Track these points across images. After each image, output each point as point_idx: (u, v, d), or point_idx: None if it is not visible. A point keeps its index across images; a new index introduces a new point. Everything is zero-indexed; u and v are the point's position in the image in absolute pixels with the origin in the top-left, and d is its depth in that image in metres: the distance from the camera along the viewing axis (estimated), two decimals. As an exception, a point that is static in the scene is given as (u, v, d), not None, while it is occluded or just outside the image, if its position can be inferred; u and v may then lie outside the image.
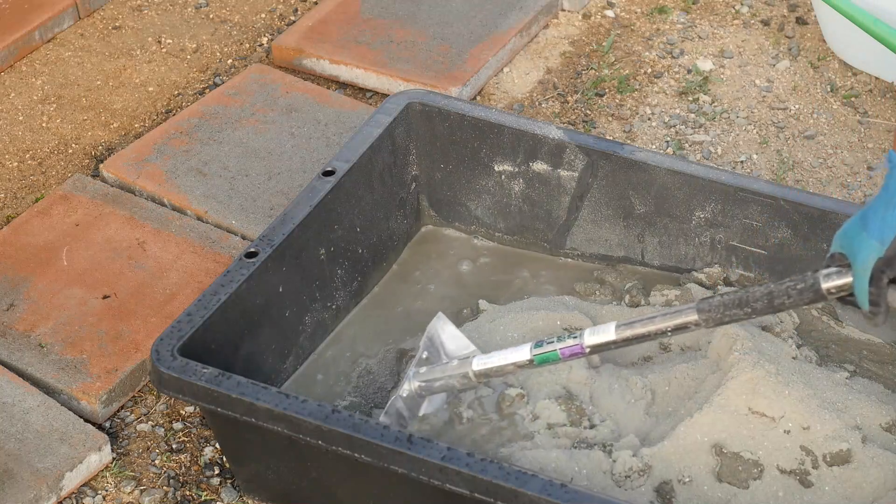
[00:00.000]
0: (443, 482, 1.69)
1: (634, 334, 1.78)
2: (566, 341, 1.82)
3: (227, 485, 2.02)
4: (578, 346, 1.81)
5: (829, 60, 2.78)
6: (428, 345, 1.98)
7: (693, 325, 1.74)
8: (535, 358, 1.84)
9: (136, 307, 2.22)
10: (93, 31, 2.89)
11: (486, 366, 1.89)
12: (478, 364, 1.89)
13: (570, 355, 1.82)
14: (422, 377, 1.95)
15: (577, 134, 2.21)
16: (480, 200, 2.30)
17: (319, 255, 2.11)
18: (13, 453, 1.99)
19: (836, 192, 2.49)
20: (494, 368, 1.88)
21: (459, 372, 1.91)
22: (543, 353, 1.83)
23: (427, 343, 1.98)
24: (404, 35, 2.77)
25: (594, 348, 1.80)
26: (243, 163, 2.50)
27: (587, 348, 1.81)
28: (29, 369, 2.12)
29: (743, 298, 1.70)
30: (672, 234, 2.20)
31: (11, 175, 2.55)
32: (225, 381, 1.79)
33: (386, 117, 2.23)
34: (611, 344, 1.79)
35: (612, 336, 1.79)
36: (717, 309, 1.71)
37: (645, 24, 2.90)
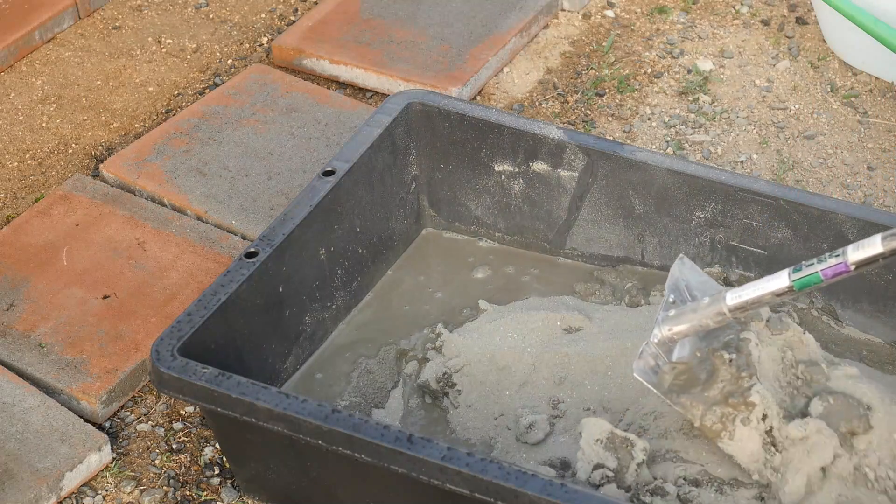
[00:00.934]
0: (443, 482, 1.69)
1: None
2: (828, 261, 1.70)
3: (227, 485, 2.02)
4: (843, 265, 1.70)
5: (829, 60, 2.78)
6: (673, 288, 1.90)
7: None
8: (795, 283, 1.74)
9: (136, 307, 2.22)
10: (93, 31, 2.89)
11: (741, 299, 1.79)
12: (732, 298, 1.80)
13: (834, 276, 1.70)
14: (672, 321, 1.87)
15: (577, 134, 2.21)
16: (480, 200, 2.30)
17: (319, 255, 2.11)
18: (13, 453, 1.99)
19: (836, 192, 2.49)
20: (751, 301, 1.79)
21: (713, 310, 1.83)
22: (804, 277, 1.73)
23: (672, 286, 1.90)
24: (404, 35, 2.77)
25: (860, 264, 1.69)
26: (243, 163, 2.50)
27: (852, 265, 1.69)
28: (29, 369, 2.12)
29: None
30: (672, 234, 2.20)
31: (11, 175, 2.55)
32: (225, 381, 1.79)
33: (386, 117, 2.23)
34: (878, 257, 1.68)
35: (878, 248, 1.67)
36: None
37: (645, 24, 2.90)
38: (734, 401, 1.84)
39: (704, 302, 1.85)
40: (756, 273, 2.15)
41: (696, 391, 1.86)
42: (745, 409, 1.83)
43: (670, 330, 1.87)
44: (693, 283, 1.92)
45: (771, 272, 2.12)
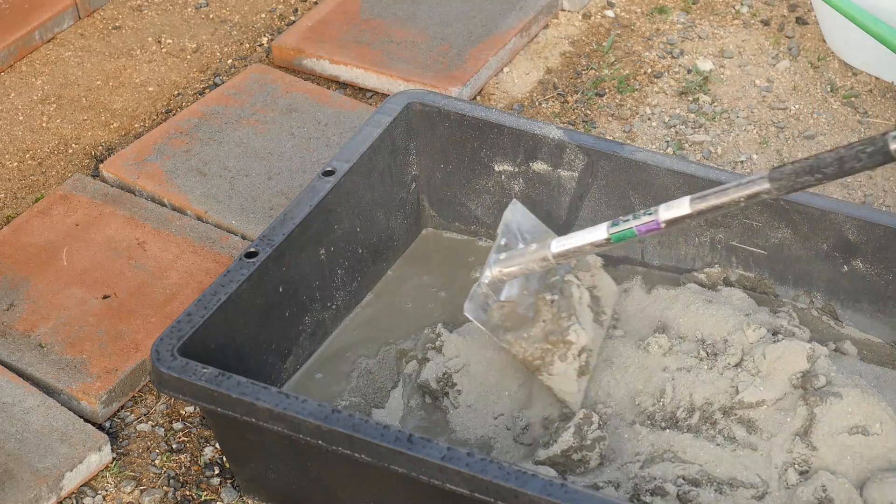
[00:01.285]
0: (443, 482, 1.69)
1: (708, 206, 1.78)
2: (641, 218, 1.82)
3: (227, 485, 2.02)
4: (654, 222, 1.81)
5: (829, 60, 2.78)
6: (505, 231, 2.02)
7: (765, 193, 1.73)
8: (612, 236, 1.86)
9: (136, 307, 2.22)
10: (93, 31, 2.89)
11: (564, 247, 1.92)
12: (556, 246, 1.93)
13: (647, 231, 1.82)
14: (502, 263, 1.98)
15: (577, 134, 2.21)
16: (480, 200, 2.30)
17: (319, 255, 2.11)
18: (13, 453, 1.99)
19: (836, 192, 2.49)
20: (573, 249, 1.92)
21: (539, 255, 1.95)
22: (620, 231, 1.85)
23: (504, 229, 2.02)
24: (404, 35, 2.77)
25: (669, 223, 1.80)
26: (243, 163, 2.50)
27: (663, 223, 1.81)
28: (29, 369, 2.12)
29: (814, 165, 1.69)
30: (672, 234, 2.20)
31: (11, 175, 2.55)
32: (225, 381, 1.79)
33: (386, 117, 2.23)
34: (686, 218, 1.79)
35: (686, 209, 1.79)
36: (788, 177, 1.71)
37: (645, 24, 2.90)
38: (554, 338, 1.98)
39: (532, 247, 1.97)
40: (756, 273, 2.15)
41: (521, 330, 1.98)
42: (563, 347, 1.97)
43: (500, 272, 1.98)
44: (525, 228, 2.04)
45: (771, 272, 2.13)
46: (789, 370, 1.94)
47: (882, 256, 2.07)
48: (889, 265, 2.07)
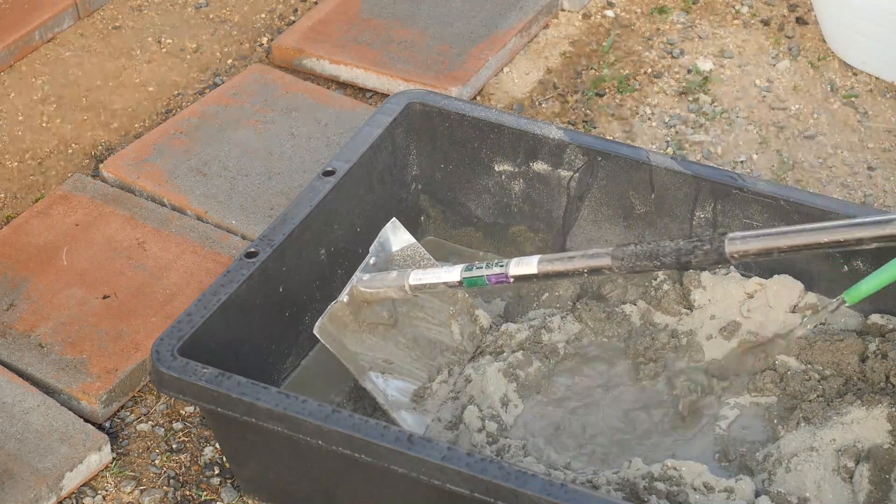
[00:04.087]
0: (443, 482, 1.69)
1: (553, 270, 1.85)
2: (493, 269, 1.89)
3: (227, 485, 2.02)
4: (504, 275, 1.88)
5: (829, 60, 2.78)
6: (378, 250, 2.05)
7: (606, 269, 1.81)
8: (465, 280, 1.91)
9: (136, 307, 2.22)
10: (93, 31, 2.89)
11: (420, 281, 1.96)
12: (414, 279, 1.96)
13: (497, 282, 1.89)
14: (364, 283, 2.00)
15: (577, 134, 2.21)
16: (481, 200, 2.30)
17: (319, 255, 2.11)
18: (13, 453, 1.99)
19: (836, 192, 2.49)
20: (428, 285, 1.95)
21: (397, 284, 1.98)
22: (472, 277, 1.91)
23: (377, 248, 2.05)
24: (404, 35, 2.77)
25: (518, 278, 1.87)
26: (243, 163, 2.50)
27: (511, 278, 1.87)
28: (29, 369, 2.12)
29: (653, 251, 1.76)
30: (672, 234, 2.20)
31: (11, 175, 2.55)
32: (225, 381, 1.79)
33: (386, 117, 2.23)
34: (532, 277, 1.86)
35: (534, 269, 1.86)
36: (629, 258, 1.78)
37: (645, 24, 2.90)
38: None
39: (393, 275, 1.99)
40: (756, 273, 2.15)
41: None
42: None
43: (360, 292, 2.00)
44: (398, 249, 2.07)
45: (771, 272, 2.13)
46: None
47: (882, 256, 2.07)
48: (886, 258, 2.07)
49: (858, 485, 1.88)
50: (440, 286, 1.94)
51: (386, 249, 2.05)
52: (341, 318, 1.98)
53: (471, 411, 1.97)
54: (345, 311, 1.99)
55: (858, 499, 1.87)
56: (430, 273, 1.96)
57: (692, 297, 2.13)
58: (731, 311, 2.10)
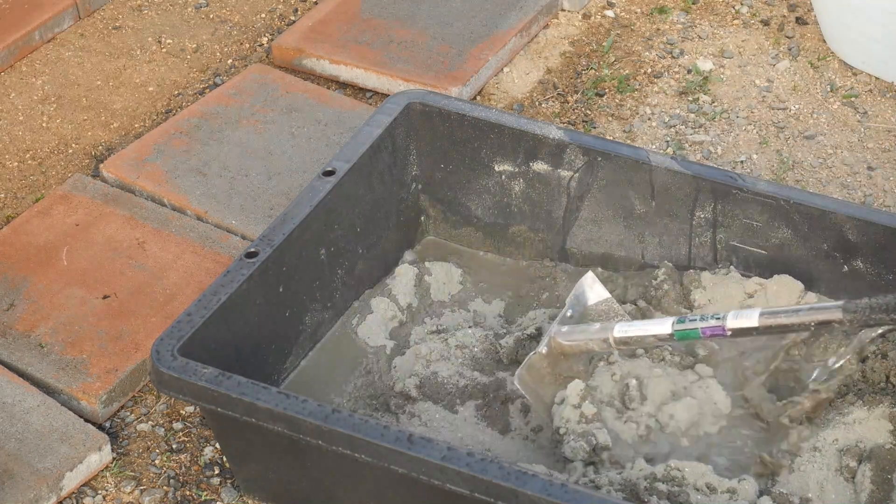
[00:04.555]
0: (443, 482, 1.69)
1: (777, 323, 1.77)
2: (709, 321, 1.81)
3: (227, 485, 2.02)
4: (721, 328, 1.80)
5: (829, 60, 2.78)
6: (574, 303, 1.99)
7: (837, 322, 1.73)
8: (676, 333, 1.84)
9: (136, 307, 2.22)
10: (93, 31, 2.89)
11: (626, 334, 1.88)
12: (619, 331, 1.89)
13: (711, 335, 1.81)
14: (563, 335, 1.95)
15: (577, 134, 2.21)
16: (481, 200, 2.30)
17: (319, 255, 2.11)
18: (13, 453, 1.99)
19: (836, 192, 2.49)
20: (635, 338, 1.88)
21: (600, 336, 1.91)
22: (685, 330, 1.83)
23: (573, 301, 1.99)
24: (404, 35, 2.77)
25: (736, 332, 1.79)
26: (243, 163, 2.50)
27: (729, 331, 1.79)
28: (29, 369, 2.12)
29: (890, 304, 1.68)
30: (672, 234, 2.20)
31: (11, 175, 2.55)
32: (225, 381, 1.79)
33: (386, 117, 2.23)
34: (752, 330, 1.78)
35: (754, 322, 1.77)
36: (863, 311, 1.71)
37: (645, 24, 2.90)
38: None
39: (595, 326, 1.93)
40: (756, 273, 2.15)
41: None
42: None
43: (559, 344, 1.95)
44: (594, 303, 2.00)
45: (771, 272, 2.13)
46: None
47: (882, 256, 2.07)
48: (889, 265, 2.07)
49: (861, 485, 1.88)
50: (648, 339, 1.88)
51: (581, 302, 2.00)
52: (539, 369, 1.96)
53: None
54: (543, 363, 1.96)
55: (861, 499, 1.87)
56: (638, 325, 1.89)
57: (692, 297, 2.13)
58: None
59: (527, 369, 1.95)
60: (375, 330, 2.16)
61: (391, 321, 2.18)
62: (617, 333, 1.90)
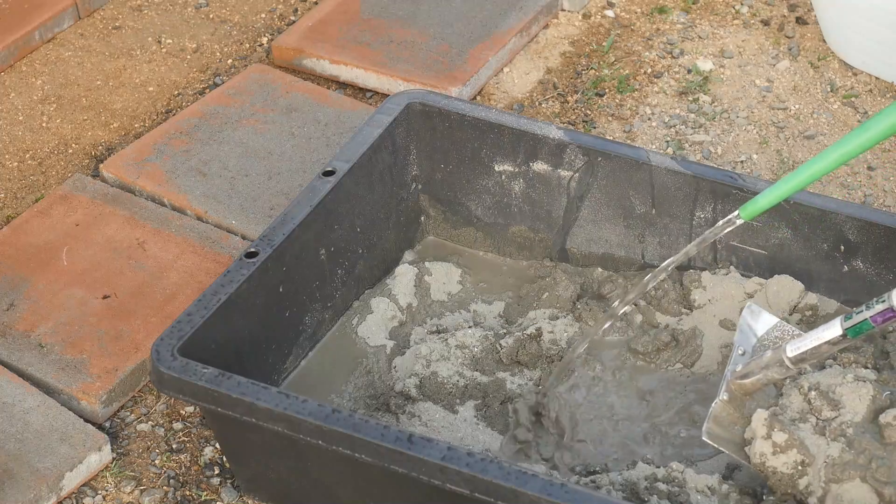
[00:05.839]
0: (443, 482, 1.69)
1: None
2: (875, 307, 1.74)
3: (227, 485, 2.02)
4: (890, 310, 1.73)
5: (829, 60, 2.78)
6: (742, 339, 1.92)
7: None
8: (848, 332, 1.77)
9: (136, 307, 2.22)
10: (93, 31, 2.89)
11: (799, 350, 1.81)
12: (792, 350, 1.82)
13: (884, 321, 1.74)
14: (738, 375, 1.89)
15: (577, 134, 2.21)
16: (481, 200, 2.30)
17: (319, 255, 2.11)
18: (13, 453, 1.99)
19: (836, 192, 2.49)
20: (809, 351, 1.81)
21: (775, 362, 1.84)
22: (855, 325, 1.76)
23: (740, 337, 1.93)
24: (404, 35, 2.77)
25: None
26: (243, 163, 2.50)
27: None
28: (29, 369, 2.12)
29: None
30: (672, 234, 2.20)
31: (11, 175, 2.55)
32: (225, 381, 1.79)
33: (386, 117, 2.23)
34: None
35: None
36: None
37: (645, 24, 2.90)
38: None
39: (767, 355, 1.85)
40: (756, 273, 2.15)
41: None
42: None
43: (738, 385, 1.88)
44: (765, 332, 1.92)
45: (771, 272, 2.13)
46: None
47: (882, 256, 2.07)
48: (889, 265, 2.07)
49: None
50: (823, 347, 1.80)
51: (750, 335, 1.93)
52: (725, 417, 1.88)
53: None
54: (728, 409, 1.89)
55: None
56: (807, 338, 1.81)
57: (692, 297, 2.13)
58: (732, 311, 2.10)
59: (713, 421, 1.87)
60: (375, 330, 2.16)
61: (391, 321, 2.18)
62: (790, 353, 1.82)
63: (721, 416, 1.88)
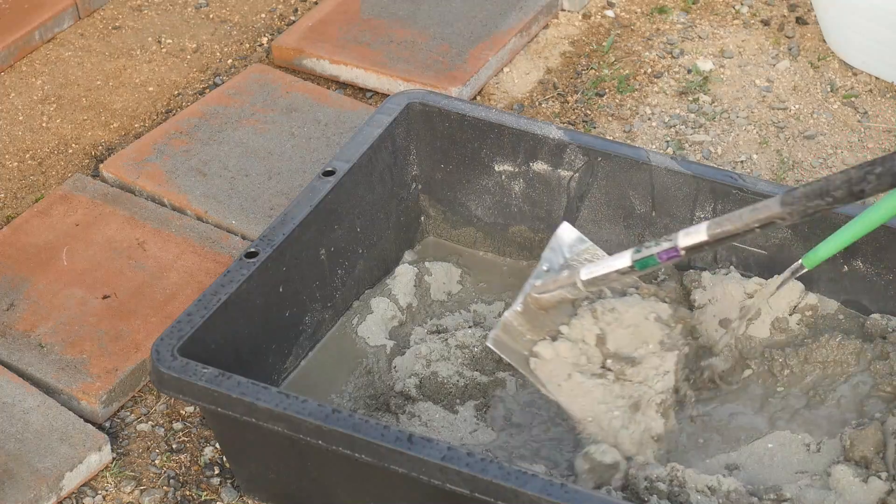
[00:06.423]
0: (443, 482, 1.69)
1: (725, 231, 1.77)
2: (662, 245, 1.81)
3: (227, 485, 2.02)
4: (674, 249, 1.80)
5: (829, 60, 2.78)
6: (550, 256, 1.99)
7: (778, 219, 1.72)
8: (636, 263, 1.84)
9: (136, 307, 2.22)
10: (93, 31, 2.89)
11: (592, 274, 1.89)
12: (585, 273, 1.89)
13: (668, 258, 1.81)
14: (536, 289, 1.94)
15: (577, 134, 2.21)
16: (481, 200, 2.30)
17: (319, 255, 2.11)
18: (13, 453, 1.99)
19: (836, 192, 2.49)
20: (600, 277, 1.88)
21: (569, 282, 1.92)
22: (642, 258, 1.83)
23: (549, 255, 1.99)
24: (404, 35, 2.77)
25: (689, 249, 1.80)
26: (243, 163, 2.50)
27: (682, 250, 1.80)
28: (29, 369, 2.12)
29: (824, 188, 1.66)
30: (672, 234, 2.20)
31: (11, 175, 2.55)
32: (225, 381, 1.79)
33: (386, 117, 2.23)
34: (703, 245, 1.78)
35: (703, 236, 1.78)
36: (799, 200, 1.69)
37: (645, 24, 2.90)
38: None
39: (564, 274, 1.93)
40: (756, 273, 2.15)
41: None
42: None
43: (533, 299, 1.95)
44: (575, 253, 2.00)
45: (771, 272, 2.13)
46: None
47: (882, 256, 2.07)
48: (889, 265, 2.07)
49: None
50: (612, 275, 1.87)
51: (559, 255, 1.99)
52: (516, 327, 1.94)
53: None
54: (519, 320, 1.95)
55: None
56: (601, 264, 1.89)
57: (692, 296, 2.13)
58: (732, 310, 2.10)
59: (502, 329, 1.94)
60: (375, 330, 2.16)
61: (391, 321, 2.18)
62: (583, 276, 1.90)
63: (512, 325, 1.94)
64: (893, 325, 2.06)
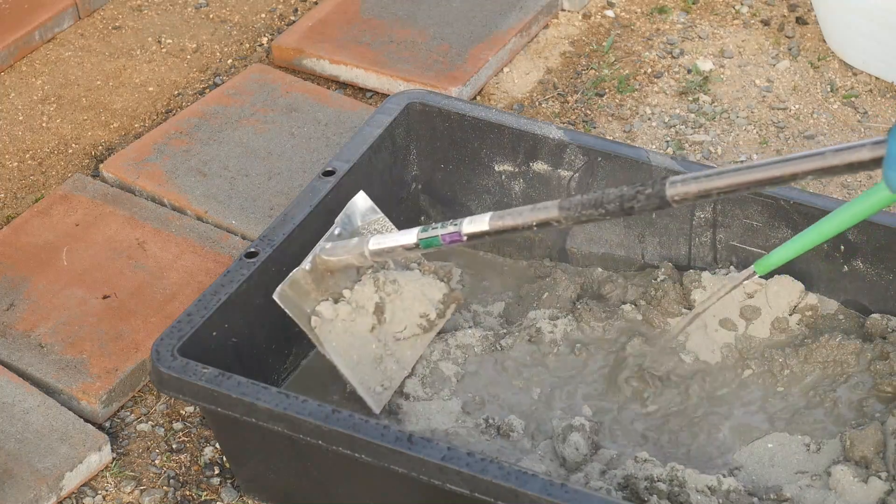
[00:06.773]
0: (443, 482, 1.69)
1: (505, 225, 1.84)
2: (447, 227, 1.88)
3: (227, 485, 2.02)
4: (457, 234, 1.87)
5: (829, 60, 2.78)
6: (344, 221, 2.05)
7: (555, 221, 1.79)
8: (421, 242, 1.91)
9: (136, 307, 2.22)
10: (93, 31, 2.89)
11: (379, 246, 1.96)
12: (373, 244, 1.96)
13: (451, 242, 1.89)
14: (326, 252, 1.99)
15: (577, 134, 2.21)
16: (481, 200, 2.30)
17: (319, 255, 2.11)
18: (13, 453, 1.99)
19: (836, 192, 2.49)
20: (387, 249, 1.95)
21: (357, 250, 1.97)
22: (427, 238, 1.90)
23: (343, 220, 2.05)
24: (404, 35, 2.77)
25: (471, 236, 1.87)
26: (243, 163, 2.50)
27: (464, 236, 1.87)
28: (29, 369, 2.12)
29: (598, 199, 1.75)
30: (672, 234, 2.20)
31: (11, 175, 2.55)
32: (225, 381, 1.79)
33: (386, 117, 2.23)
34: (485, 234, 1.86)
35: (485, 226, 1.85)
36: (575, 207, 1.77)
37: (645, 24, 2.90)
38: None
39: (353, 242, 1.99)
40: (756, 273, 2.15)
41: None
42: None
43: (322, 260, 2.00)
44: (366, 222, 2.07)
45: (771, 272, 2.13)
46: None
47: (882, 256, 2.07)
48: (889, 265, 2.07)
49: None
50: (398, 250, 1.94)
51: (353, 222, 2.06)
52: (303, 285, 1.99)
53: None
54: (307, 279, 1.99)
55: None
56: (389, 237, 1.96)
57: (692, 297, 2.13)
58: (732, 311, 2.10)
59: (289, 285, 1.97)
60: (375, 330, 2.16)
61: (391, 321, 2.18)
62: (371, 246, 1.96)
63: (300, 283, 1.98)
64: (893, 325, 2.06)
